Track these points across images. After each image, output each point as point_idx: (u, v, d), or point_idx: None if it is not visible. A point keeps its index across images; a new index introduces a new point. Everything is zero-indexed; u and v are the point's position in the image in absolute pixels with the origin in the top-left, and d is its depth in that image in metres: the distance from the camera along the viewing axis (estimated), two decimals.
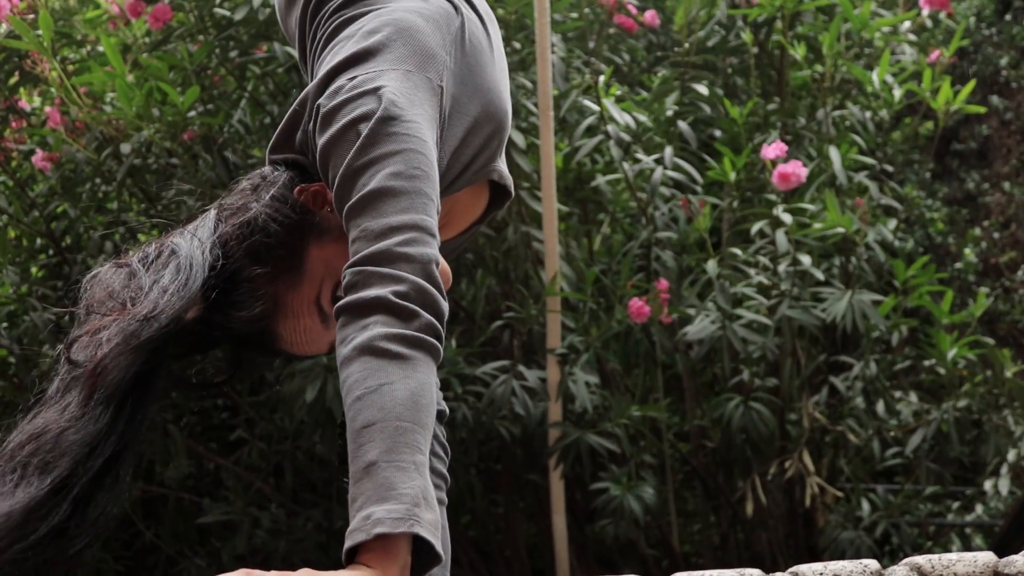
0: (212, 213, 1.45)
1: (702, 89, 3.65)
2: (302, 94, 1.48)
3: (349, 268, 1.29)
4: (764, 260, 3.49)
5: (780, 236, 3.35)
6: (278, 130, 1.51)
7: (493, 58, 1.58)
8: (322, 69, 1.48)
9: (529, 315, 3.42)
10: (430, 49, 1.47)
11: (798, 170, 3.25)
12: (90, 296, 1.36)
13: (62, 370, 1.31)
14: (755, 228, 3.46)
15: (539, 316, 3.42)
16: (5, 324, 3.62)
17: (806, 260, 3.37)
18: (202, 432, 3.93)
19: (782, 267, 3.43)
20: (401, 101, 1.38)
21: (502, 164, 1.61)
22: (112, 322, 1.31)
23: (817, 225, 3.42)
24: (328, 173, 1.39)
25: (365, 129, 1.35)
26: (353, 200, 1.33)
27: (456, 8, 1.55)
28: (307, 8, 1.62)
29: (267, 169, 1.50)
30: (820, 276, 3.41)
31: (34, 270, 3.77)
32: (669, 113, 3.67)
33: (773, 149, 3.32)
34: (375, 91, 1.38)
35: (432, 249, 1.31)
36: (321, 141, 1.39)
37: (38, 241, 3.75)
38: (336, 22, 1.55)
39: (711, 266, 3.35)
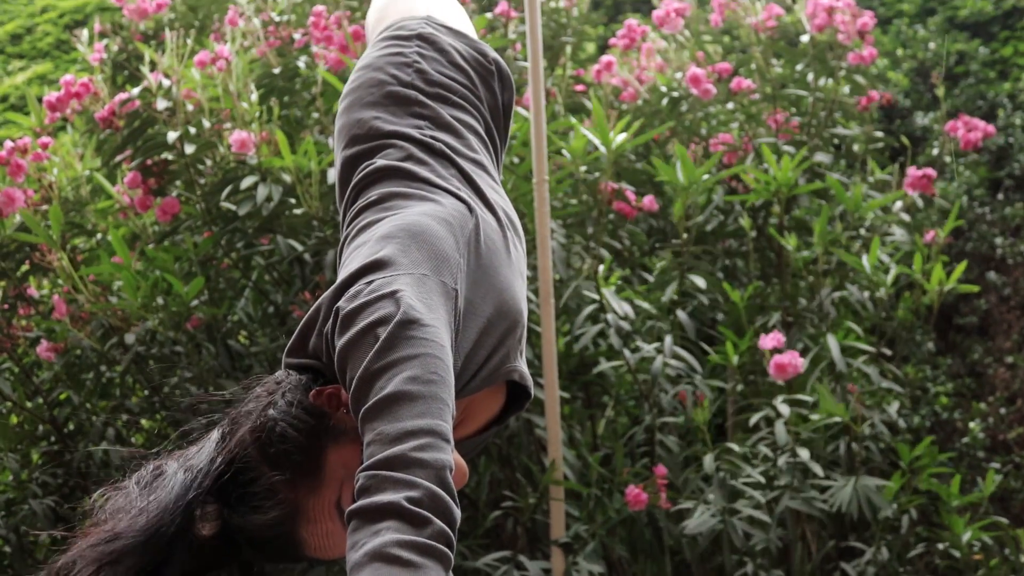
0: (215, 432, 1.47)
1: (700, 282, 3.70)
2: (317, 301, 1.51)
3: (362, 472, 1.29)
4: (765, 451, 3.46)
5: (780, 428, 3.33)
6: (293, 335, 1.54)
7: (509, 258, 1.61)
8: (340, 275, 1.52)
9: (528, 504, 3.37)
10: (444, 252, 1.50)
11: (795, 360, 3.27)
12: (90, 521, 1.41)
13: None
14: (754, 419, 3.45)
15: (542, 504, 3.37)
16: (2, 512, 3.57)
17: (804, 454, 3.34)
18: None
19: (782, 460, 3.40)
20: (418, 306, 1.40)
21: (521, 364, 1.61)
22: (85, 542, 1.36)
23: (815, 417, 3.41)
24: (346, 375, 1.41)
25: (384, 333, 1.37)
26: (369, 403, 1.34)
27: (471, 209, 1.59)
28: (345, 208, 1.68)
29: (281, 373, 1.52)
30: (819, 472, 3.37)
31: (35, 456, 3.75)
32: (666, 300, 3.71)
33: (771, 339, 3.34)
34: (392, 295, 1.41)
35: (447, 455, 1.31)
36: (340, 343, 1.41)
37: (40, 427, 3.75)
38: (358, 226, 1.60)
39: (708, 461, 3.33)
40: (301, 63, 3.90)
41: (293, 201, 3.50)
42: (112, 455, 3.44)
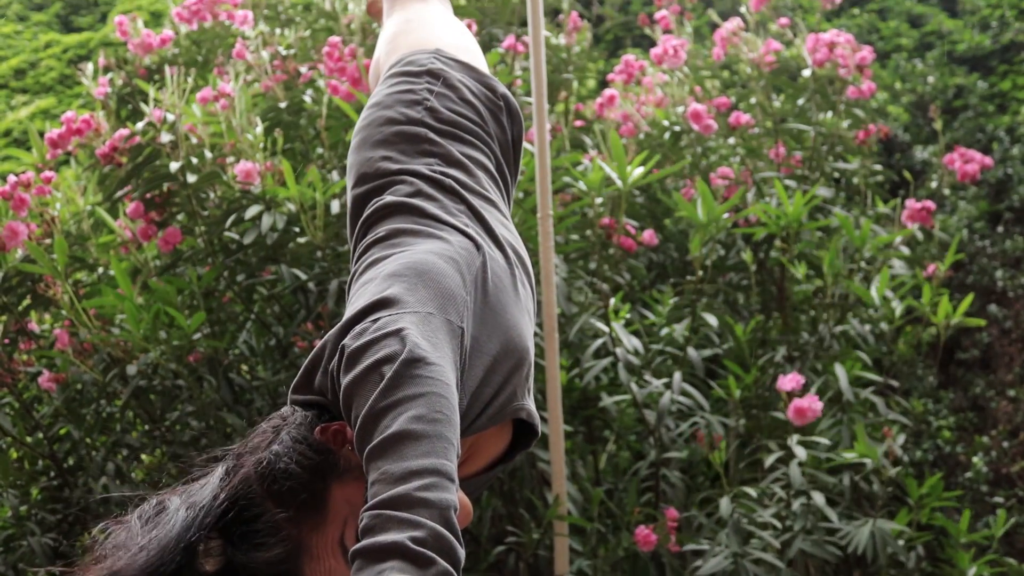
0: (219, 468, 1.45)
1: (712, 320, 3.70)
2: (323, 338, 1.50)
3: (367, 511, 1.28)
4: (779, 492, 3.44)
5: (795, 471, 3.31)
6: (299, 372, 1.53)
7: (517, 296, 1.61)
8: (347, 312, 1.51)
9: (531, 539, 3.35)
10: (450, 290, 1.49)
11: (814, 404, 3.25)
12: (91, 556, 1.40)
13: None
14: (769, 460, 3.43)
15: (545, 539, 3.35)
16: (1, 549, 3.54)
17: (819, 498, 3.32)
18: None
19: (796, 504, 3.37)
20: (424, 344, 1.40)
21: (529, 402, 1.60)
22: None
23: (849, 455, 3.39)
24: (351, 413, 1.40)
25: (389, 371, 1.36)
26: (375, 442, 1.33)
27: (478, 247, 1.58)
28: (355, 243, 1.68)
29: (287, 409, 1.51)
30: (834, 517, 3.35)
31: (34, 492, 3.73)
32: (679, 336, 3.70)
33: (789, 381, 3.32)
34: (398, 333, 1.40)
35: (451, 495, 1.30)
36: (345, 381, 1.41)
37: (40, 463, 3.73)
38: (366, 262, 1.60)
39: (724, 504, 3.30)
40: (307, 97, 3.91)
41: (297, 231, 3.51)
42: (112, 491, 3.42)
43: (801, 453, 3.33)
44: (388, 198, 1.65)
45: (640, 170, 3.58)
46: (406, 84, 1.77)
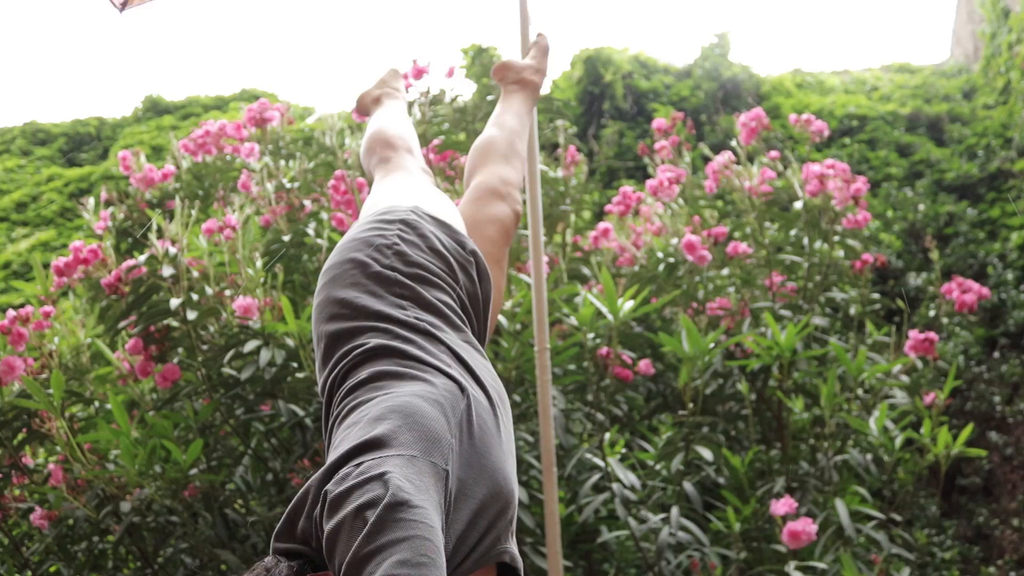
0: None
1: (707, 454, 3.68)
2: (306, 484, 1.49)
3: None
4: None
5: None
6: (282, 519, 1.51)
7: (500, 438, 1.60)
8: (330, 456, 1.50)
9: None
10: (435, 433, 1.49)
11: (808, 528, 3.22)
12: None
13: None
14: None
15: None
16: None
17: None
18: None
19: None
20: (407, 487, 1.38)
21: (512, 545, 1.58)
22: None
23: None
24: (335, 560, 1.38)
25: (372, 516, 1.35)
26: None
27: (463, 389, 1.58)
28: (331, 387, 1.67)
29: (270, 560, 1.48)
30: None
31: None
32: (673, 471, 3.67)
33: (783, 505, 3.29)
34: (381, 477, 1.39)
35: None
36: (328, 527, 1.39)
37: None
38: (347, 407, 1.59)
39: None
40: (310, 230, 3.95)
41: (295, 366, 3.50)
42: None
43: None
44: (369, 343, 1.66)
45: (630, 304, 3.60)
46: (378, 230, 1.83)
